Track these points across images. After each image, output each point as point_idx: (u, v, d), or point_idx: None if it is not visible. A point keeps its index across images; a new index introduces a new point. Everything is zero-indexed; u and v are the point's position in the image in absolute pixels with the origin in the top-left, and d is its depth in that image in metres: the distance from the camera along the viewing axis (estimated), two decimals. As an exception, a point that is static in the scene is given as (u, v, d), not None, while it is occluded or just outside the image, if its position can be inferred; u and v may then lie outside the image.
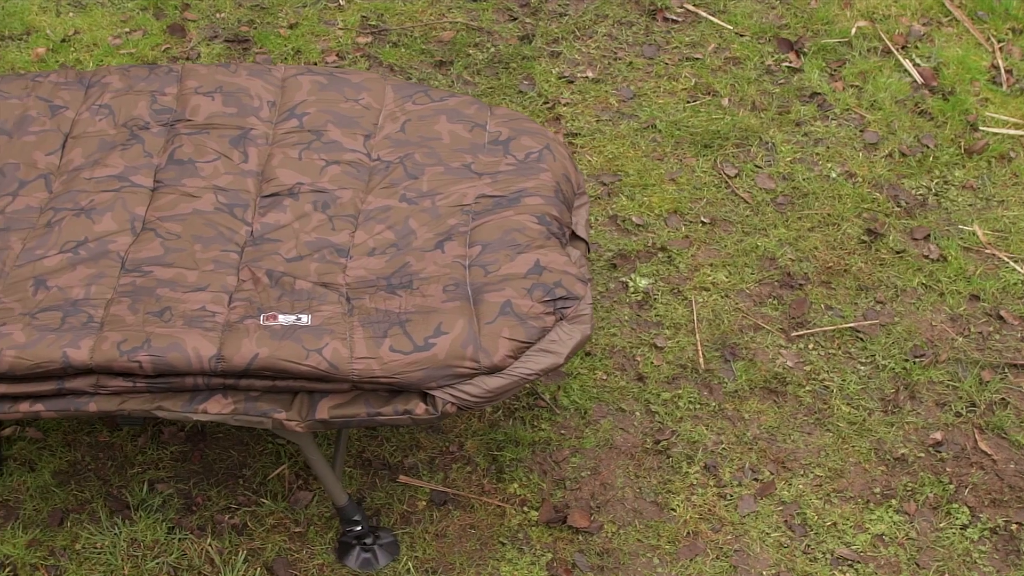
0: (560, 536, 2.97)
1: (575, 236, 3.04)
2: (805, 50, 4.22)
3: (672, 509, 3.02)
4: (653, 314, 3.44)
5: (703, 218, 3.69)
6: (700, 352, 3.34)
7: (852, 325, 3.40)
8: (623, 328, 3.40)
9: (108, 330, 2.66)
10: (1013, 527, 2.98)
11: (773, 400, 3.24)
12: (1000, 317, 3.42)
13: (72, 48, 4.22)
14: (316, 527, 2.98)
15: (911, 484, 3.07)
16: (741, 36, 4.30)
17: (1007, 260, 3.56)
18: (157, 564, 2.90)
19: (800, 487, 3.06)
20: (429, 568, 2.91)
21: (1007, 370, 3.30)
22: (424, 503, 3.03)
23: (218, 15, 4.39)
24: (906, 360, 3.33)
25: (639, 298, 3.47)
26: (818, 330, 3.39)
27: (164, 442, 3.15)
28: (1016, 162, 3.85)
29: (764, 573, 2.90)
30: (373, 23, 4.35)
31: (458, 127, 3.16)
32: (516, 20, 4.38)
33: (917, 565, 2.91)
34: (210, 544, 2.94)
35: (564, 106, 4.04)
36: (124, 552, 2.92)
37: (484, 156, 3.09)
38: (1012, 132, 3.92)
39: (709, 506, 3.03)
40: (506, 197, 2.98)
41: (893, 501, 3.03)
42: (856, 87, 4.10)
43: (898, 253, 3.59)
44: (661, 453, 3.13)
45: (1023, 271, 3.53)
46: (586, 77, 4.15)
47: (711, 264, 3.56)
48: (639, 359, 3.33)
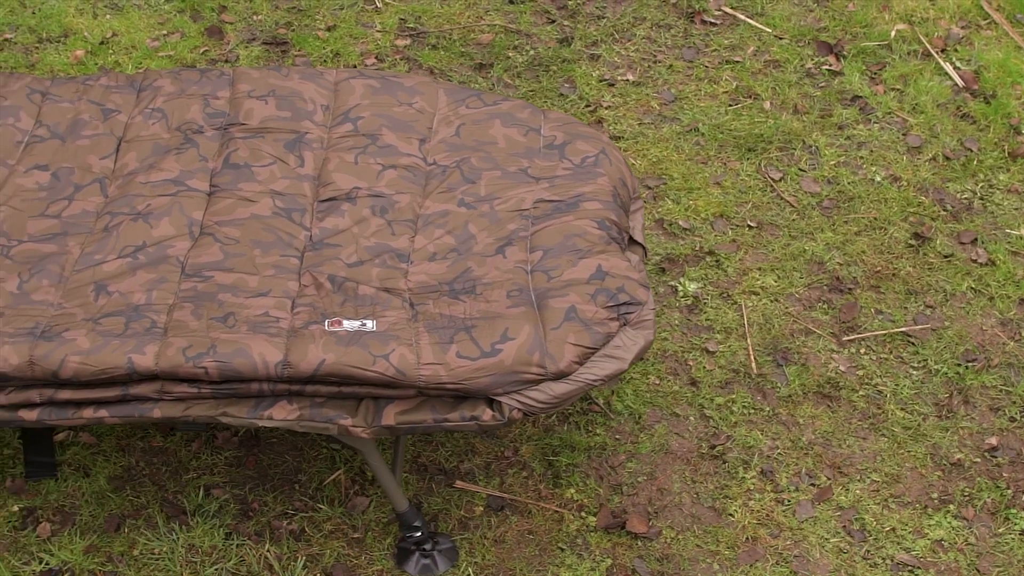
0: (619, 542, 2.96)
1: (632, 241, 3.04)
2: (844, 53, 4.22)
3: (730, 514, 3.02)
4: (703, 318, 3.43)
5: (749, 222, 3.68)
6: (752, 357, 3.33)
7: (903, 330, 3.39)
8: (674, 332, 3.39)
9: (172, 336, 2.65)
10: (1071, 532, 2.99)
11: (827, 405, 3.23)
12: (1050, 321, 3.43)
13: (110, 50, 4.21)
14: (374, 533, 2.97)
15: (968, 489, 3.07)
16: (780, 39, 4.29)
17: (1055, 264, 3.56)
18: (216, 570, 2.89)
19: (857, 492, 3.05)
20: (489, 574, 2.90)
21: (1059, 375, 3.30)
22: (481, 508, 3.02)
23: (255, 17, 4.38)
24: (958, 365, 3.32)
25: (689, 302, 3.47)
26: (869, 334, 3.38)
27: (218, 447, 3.14)
28: (1060, 166, 3.85)
29: (824, 579, 2.90)
30: (411, 25, 4.34)
31: (513, 131, 3.15)
32: (554, 23, 4.37)
33: (978, 571, 2.91)
34: (268, 550, 2.93)
35: (606, 109, 4.03)
36: (182, 558, 2.91)
37: (540, 160, 3.08)
38: (1055, 136, 3.92)
39: (767, 511, 3.02)
40: (564, 202, 2.97)
41: (951, 506, 3.03)
42: (897, 90, 4.10)
43: (946, 257, 3.58)
44: (717, 458, 3.13)
45: (1072, 275, 3.53)
46: (626, 80, 4.14)
47: (759, 268, 3.56)
48: (691, 363, 3.32)
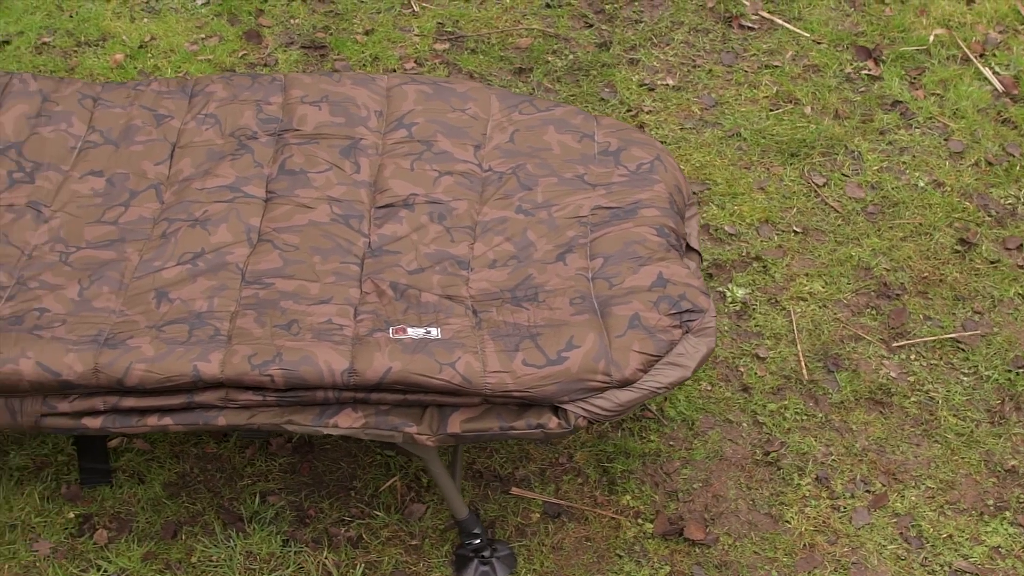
0: (677, 548, 2.96)
1: (688, 247, 3.03)
2: (883, 58, 4.22)
3: (787, 521, 3.02)
4: (752, 324, 3.43)
5: (795, 227, 3.68)
6: (803, 363, 3.33)
7: (953, 336, 3.39)
8: (724, 338, 3.39)
9: (237, 343, 2.64)
10: None
11: (879, 411, 3.23)
12: (1099, 327, 3.43)
13: (149, 54, 4.20)
14: (431, 540, 2.97)
15: None
16: (818, 43, 4.29)
17: (1101, 270, 3.56)
18: (275, 577, 2.89)
19: (913, 499, 3.05)
20: (548, 581, 2.90)
21: (1110, 381, 3.30)
22: (538, 515, 3.02)
23: (292, 21, 4.37)
24: (1009, 371, 3.32)
25: (737, 308, 3.47)
26: (919, 340, 3.39)
27: (272, 454, 3.13)
28: (1103, 171, 3.85)
29: (883, 586, 2.91)
30: (449, 29, 4.34)
31: (567, 137, 3.15)
32: (592, 27, 4.36)
33: (1036, 578, 2.92)
34: (327, 557, 2.92)
35: (647, 114, 4.03)
36: (241, 565, 2.90)
37: (596, 167, 3.08)
38: (1097, 141, 3.93)
39: (823, 518, 3.02)
40: (622, 209, 2.97)
41: (1007, 513, 3.03)
42: (937, 95, 4.10)
43: (992, 263, 3.59)
44: (771, 465, 3.13)
45: (1118, 281, 3.53)
46: (666, 85, 4.14)
47: (806, 274, 3.56)
48: (742, 370, 3.32)
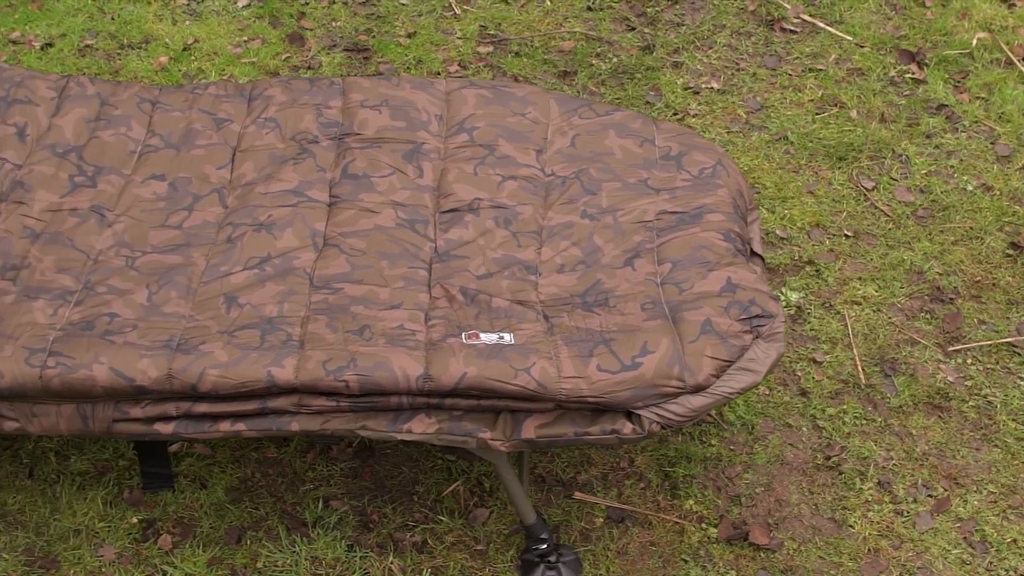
0: (741, 553, 2.96)
1: (752, 252, 3.03)
2: (926, 61, 4.22)
3: (850, 526, 3.02)
4: (808, 328, 3.43)
5: (846, 231, 3.68)
6: (860, 367, 3.33)
7: (1009, 340, 3.39)
8: (780, 342, 3.39)
9: (310, 349, 2.64)
10: None
11: (938, 415, 3.24)
12: None
13: (193, 57, 4.19)
14: (496, 545, 2.96)
15: (1085, 500, 3.08)
16: (861, 47, 4.29)
17: None
18: (341, 582, 2.89)
19: (975, 503, 3.06)
20: (614, 586, 2.90)
21: None
22: (601, 520, 3.02)
23: (334, 23, 4.36)
24: (1065, 375, 3.33)
25: (792, 312, 3.47)
26: (974, 344, 3.39)
27: (333, 458, 3.13)
28: None
29: (948, 590, 2.91)
30: (491, 32, 4.33)
31: (628, 142, 3.14)
32: (634, 30, 4.36)
33: (1102, 582, 2.92)
34: (392, 562, 2.92)
35: (693, 117, 4.03)
36: (307, 570, 2.90)
37: (658, 171, 3.08)
38: None
39: (887, 523, 3.02)
40: (688, 213, 2.97)
41: (1070, 518, 3.04)
42: (982, 99, 4.10)
43: (1044, 267, 3.59)
44: (833, 469, 3.13)
45: None
46: (711, 88, 4.14)
47: (859, 278, 3.56)
48: (799, 374, 3.32)
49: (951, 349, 3.38)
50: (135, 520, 2.99)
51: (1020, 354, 3.37)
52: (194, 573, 2.89)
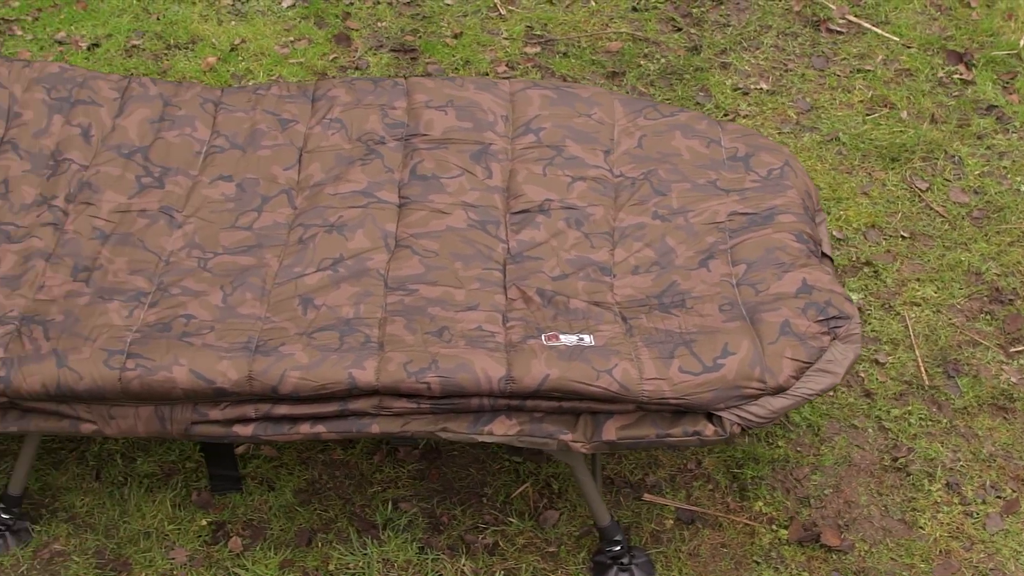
0: (813, 555, 2.95)
1: (822, 253, 3.03)
2: (974, 62, 4.22)
3: (920, 527, 3.01)
4: (868, 329, 3.42)
5: (902, 232, 3.68)
6: (922, 368, 3.33)
7: (1070, 341, 3.40)
8: (841, 344, 3.38)
9: (390, 350, 2.63)
10: None
11: (1003, 416, 3.23)
12: None
13: (240, 57, 4.18)
14: (567, 546, 2.96)
15: None
16: (908, 48, 4.29)
17: None
18: (414, 585, 2.88)
19: (1044, 505, 3.06)
20: (688, 588, 2.89)
21: None
22: (671, 522, 3.01)
23: (379, 24, 4.35)
24: None
25: (852, 313, 3.46)
26: (1036, 346, 3.39)
27: (400, 460, 3.12)
28: None
29: (1021, 592, 2.90)
30: (538, 33, 4.32)
31: (695, 143, 3.14)
32: (681, 30, 4.36)
33: None
34: (464, 564, 2.91)
35: (744, 118, 4.03)
36: (379, 573, 2.89)
37: (727, 172, 3.07)
38: None
39: (957, 524, 3.02)
40: (759, 214, 2.96)
41: None
42: (1031, 100, 4.10)
43: (1101, 268, 3.59)
44: (900, 470, 3.12)
45: None
46: (760, 89, 4.13)
47: (918, 279, 3.55)
48: (863, 375, 3.32)
49: (1013, 350, 3.38)
50: (204, 522, 2.98)
51: (1082, 355, 3.37)
52: (266, 576, 2.88)
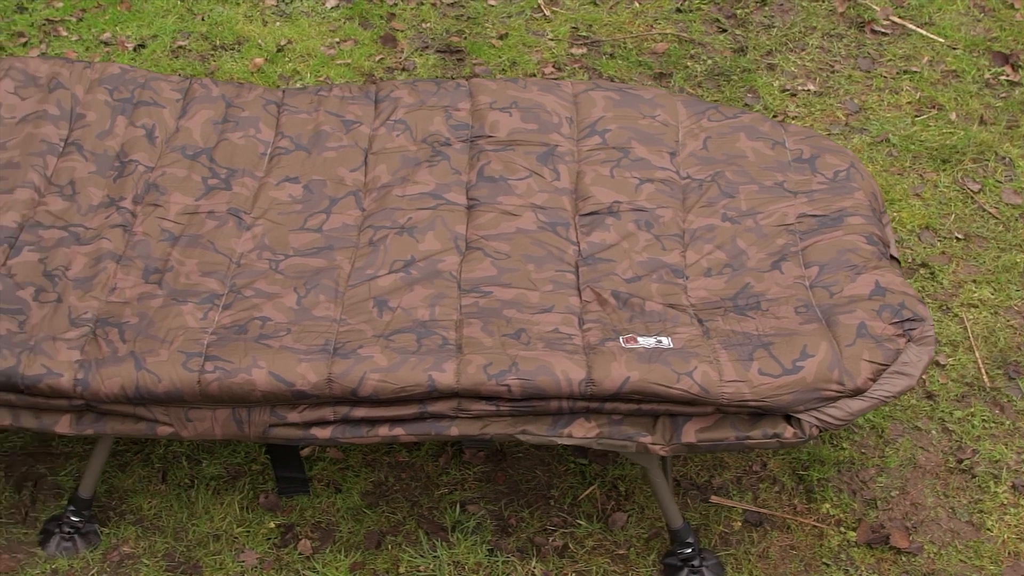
0: (883, 557, 2.95)
1: (890, 256, 3.03)
2: (1021, 63, 4.22)
3: (988, 529, 3.01)
4: (927, 331, 3.42)
5: (956, 234, 3.68)
6: (983, 370, 3.33)
7: None
8: (901, 345, 3.38)
9: (469, 353, 2.62)
10: None
11: (1065, 418, 3.24)
12: None
13: (287, 58, 4.17)
14: (636, 549, 2.95)
15: None
16: (953, 49, 4.29)
17: None
18: (485, 587, 2.87)
19: (1111, 507, 3.06)
20: (759, 590, 2.89)
21: None
22: (739, 524, 3.01)
23: (424, 25, 4.35)
24: None
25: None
26: (1095, 347, 3.39)
27: (466, 462, 3.11)
28: None
29: (1091, 594, 2.90)
30: (583, 34, 4.32)
31: (759, 144, 3.13)
32: (725, 32, 4.35)
33: None
34: (535, 566, 2.90)
35: (792, 119, 4.02)
36: (450, 575, 2.88)
37: (793, 174, 3.07)
38: None
39: (1024, 526, 3.02)
40: (828, 216, 2.96)
41: None
42: (1079, 101, 4.11)
43: None
44: (966, 472, 3.12)
45: None
46: (808, 90, 4.13)
47: (974, 280, 3.55)
48: (924, 377, 3.32)
49: (1072, 352, 3.39)
50: (272, 525, 2.97)
51: None
52: (337, 578, 2.87)
